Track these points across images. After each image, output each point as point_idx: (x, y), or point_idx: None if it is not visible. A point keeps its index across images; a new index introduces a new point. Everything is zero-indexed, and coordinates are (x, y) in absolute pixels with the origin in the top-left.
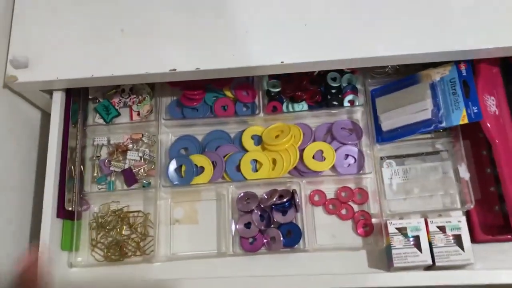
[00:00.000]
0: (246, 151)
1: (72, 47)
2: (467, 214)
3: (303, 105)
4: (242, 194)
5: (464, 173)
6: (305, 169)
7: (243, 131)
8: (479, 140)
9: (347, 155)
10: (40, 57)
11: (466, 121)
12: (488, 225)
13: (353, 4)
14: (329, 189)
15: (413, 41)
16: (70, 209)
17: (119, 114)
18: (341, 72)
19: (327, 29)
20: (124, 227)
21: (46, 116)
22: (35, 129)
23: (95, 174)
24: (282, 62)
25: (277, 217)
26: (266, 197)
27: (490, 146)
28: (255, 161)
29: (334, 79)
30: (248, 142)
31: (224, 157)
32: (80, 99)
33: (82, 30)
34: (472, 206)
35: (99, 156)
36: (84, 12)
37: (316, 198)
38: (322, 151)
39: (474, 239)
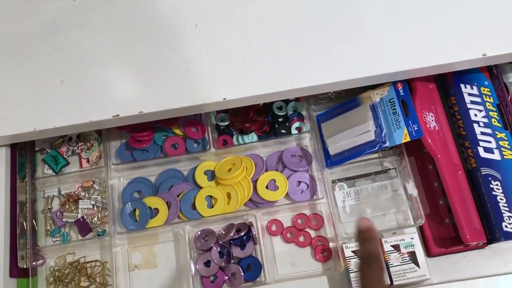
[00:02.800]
0: (200, 187)
1: (11, 103)
2: (421, 229)
3: (253, 136)
4: (199, 233)
5: (412, 189)
6: (260, 200)
7: (195, 167)
8: (424, 155)
9: (299, 182)
10: None
11: (408, 139)
12: (440, 238)
13: (289, 36)
14: (285, 217)
15: (347, 68)
16: (24, 266)
17: (68, 163)
18: (286, 100)
19: (265, 62)
20: (82, 278)
21: None
22: None
23: (48, 227)
24: (224, 98)
25: (236, 252)
26: (223, 232)
27: (435, 161)
28: (210, 197)
29: (280, 108)
30: (201, 179)
31: (178, 196)
32: (27, 151)
33: (20, 85)
34: (423, 221)
35: (50, 208)
36: (21, 66)
37: (273, 228)
38: (274, 180)
39: (429, 253)
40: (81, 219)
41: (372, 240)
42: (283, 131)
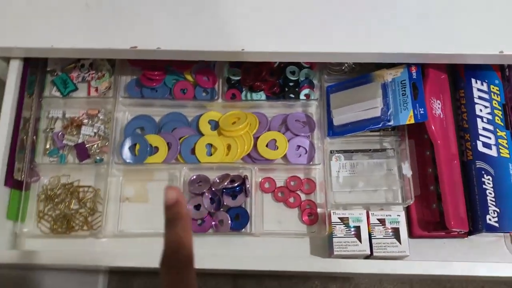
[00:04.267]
0: (202, 135)
1: (34, 17)
2: (407, 210)
3: (261, 95)
4: (194, 177)
5: (407, 170)
6: (258, 156)
7: (200, 115)
8: (424, 141)
9: (299, 146)
10: (0, 22)
11: (412, 121)
12: (425, 222)
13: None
14: (280, 177)
15: (369, 41)
16: (19, 179)
17: (76, 89)
18: (300, 66)
19: (290, 21)
20: (73, 201)
21: (1, 86)
22: None
23: (48, 147)
24: (243, 49)
25: (227, 201)
26: (218, 181)
27: (433, 148)
28: (210, 145)
29: (292, 73)
30: (204, 127)
31: (179, 139)
32: (38, 70)
33: (46, 0)
34: (412, 202)
35: (53, 129)
36: None
37: (266, 185)
38: (275, 140)
39: (411, 234)
40: (82, 144)
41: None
42: (291, 95)
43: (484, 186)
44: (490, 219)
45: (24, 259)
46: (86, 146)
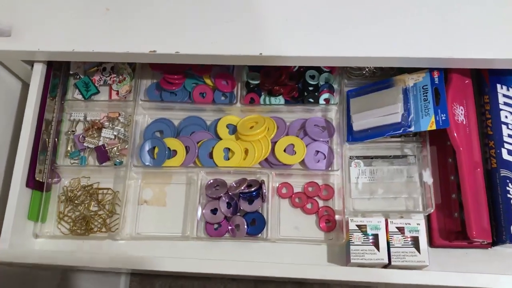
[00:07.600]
0: (220, 139)
1: (56, 21)
2: (428, 218)
3: (280, 99)
4: (211, 181)
5: (428, 178)
6: (276, 161)
7: (219, 119)
8: (446, 148)
9: (317, 151)
10: (24, 27)
11: (434, 127)
12: (446, 231)
13: (335, 2)
14: (297, 183)
15: (391, 45)
16: (40, 180)
17: (98, 92)
18: (320, 70)
19: (309, 25)
20: (93, 203)
21: (26, 88)
22: (14, 100)
23: (69, 149)
24: (260, 53)
25: (244, 205)
26: (235, 185)
27: (455, 155)
28: (228, 149)
29: (312, 77)
30: (223, 131)
31: (197, 143)
32: (61, 73)
33: (68, 5)
34: (432, 210)
35: (74, 131)
36: None
37: (283, 190)
38: (293, 145)
39: (432, 243)
40: (102, 146)
41: None
42: (311, 99)
43: (508, 195)
44: None
45: (43, 260)
46: (106, 148)
